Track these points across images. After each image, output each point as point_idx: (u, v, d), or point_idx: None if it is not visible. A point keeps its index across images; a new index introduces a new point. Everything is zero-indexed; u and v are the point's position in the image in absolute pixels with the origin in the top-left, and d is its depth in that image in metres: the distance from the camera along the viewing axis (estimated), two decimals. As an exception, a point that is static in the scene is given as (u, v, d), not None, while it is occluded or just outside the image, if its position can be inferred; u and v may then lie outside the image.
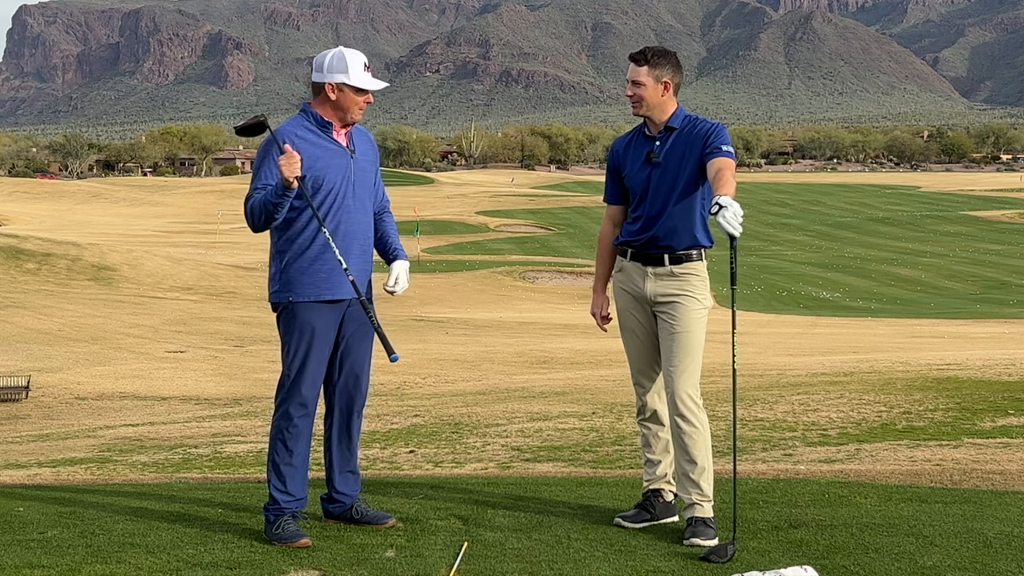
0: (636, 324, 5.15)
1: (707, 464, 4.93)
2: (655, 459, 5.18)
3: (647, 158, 5.04)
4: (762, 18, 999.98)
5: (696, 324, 4.99)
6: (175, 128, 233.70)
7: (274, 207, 4.73)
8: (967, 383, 12.40)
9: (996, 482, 5.98)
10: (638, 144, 5.13)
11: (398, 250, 5.16)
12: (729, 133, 5.05)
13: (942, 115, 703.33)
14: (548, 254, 77.46)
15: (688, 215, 5.00)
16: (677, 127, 5.03)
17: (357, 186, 4.95)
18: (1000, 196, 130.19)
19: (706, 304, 5.05)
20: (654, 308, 5.07)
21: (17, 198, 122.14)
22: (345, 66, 4.86)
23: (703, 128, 4.98)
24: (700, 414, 4.96)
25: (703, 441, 4.94)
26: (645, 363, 5.17)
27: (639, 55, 5.06)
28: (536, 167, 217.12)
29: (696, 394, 4.97)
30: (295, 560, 4.52)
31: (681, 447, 4.95)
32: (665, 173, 4.99)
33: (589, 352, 28.29)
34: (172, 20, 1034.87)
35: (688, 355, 4.95)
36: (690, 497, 4.91)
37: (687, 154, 4.97)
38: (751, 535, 4.80)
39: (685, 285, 5.00)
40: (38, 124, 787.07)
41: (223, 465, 9.76)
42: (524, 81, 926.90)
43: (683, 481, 4.96)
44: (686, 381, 4.94)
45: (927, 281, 63.82)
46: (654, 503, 5.13)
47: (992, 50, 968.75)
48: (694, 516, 4.88)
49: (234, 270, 60.17)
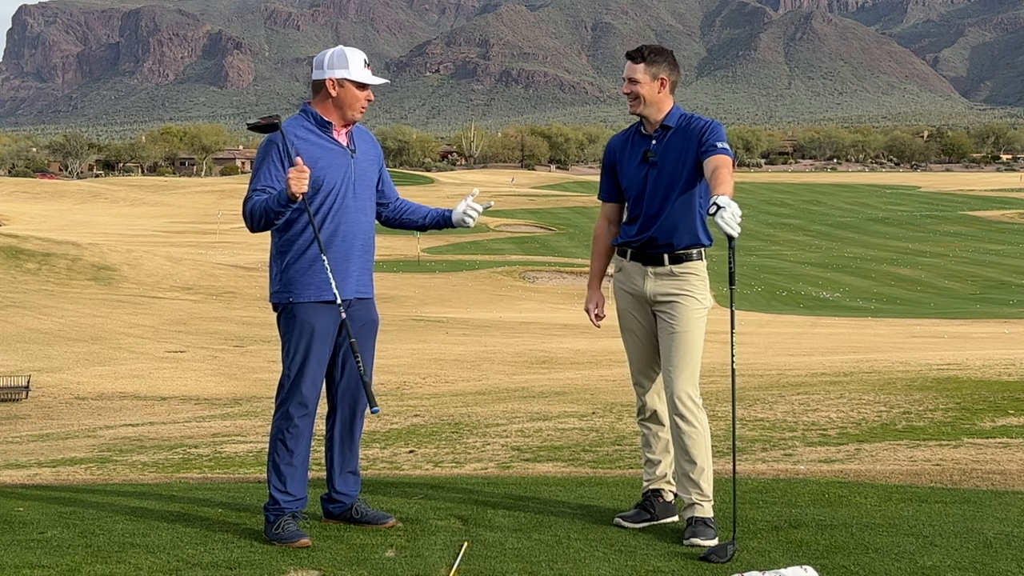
0: (636, 324, 5.15)
1: (707, 464, 4.93)
2: (655, 459, 5.18)
3: (644, 157, 5.03)
4: (762, 18, 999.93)
5: (695, 324, 4.98)
6: (175, 128, 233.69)
7: (275, 215, 4.72)
8: (967, 383, 12.40)
9: (996, 482, 5.98)
10: (635, 143, 5.12)
11: (442, 212, 5.22)
12: (726, 132, 5.04)
13: (942, 115, 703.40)
14: (548, 254, 77.48)
15: (687, 214, 4.99)
16: (673, 126, 5.01)
17: (358, 186, 4.94)
18: (1000, 196, 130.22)
19: (705, 304, 5.04)
20: (654, 308, 5.06)
21: (17, 198, 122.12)
22: (346, 62, 4.86)
23: (698, 125, 4.97)
24: (699, 414, 4.96)
25: (703, 441, 4.94)
26: (645, 363, 5.17)
27: (636, 53, 5.05)
28: (536, 167, 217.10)
29: (695, 394, 4.97)
30: (295, 560, 4.52)
31: (681, 447, 4.95)
32: (662, 172, 4.98)
33: (589, 352, 28.29)
34: (172, 20, 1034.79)
35: (687, 355, 4.95)
36: (690, 497, 4.91)
37: (684, 152, 4.95)
38: (751, 535, 4.80)
39: (685, 284, 4.99)
40: (38, 124, 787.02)
41: (223, 465, 9.76)
42: (524, 81, 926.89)
43: (683, 481, 4.95)
44: (685, 381, 4.93)
45: (927, 281, 63.84)
46: (654, 503, 5.12)
47: (992, 50, 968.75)
48: (694, 516, 4.88)
49: (234, 270, 60.17)
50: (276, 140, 4.82)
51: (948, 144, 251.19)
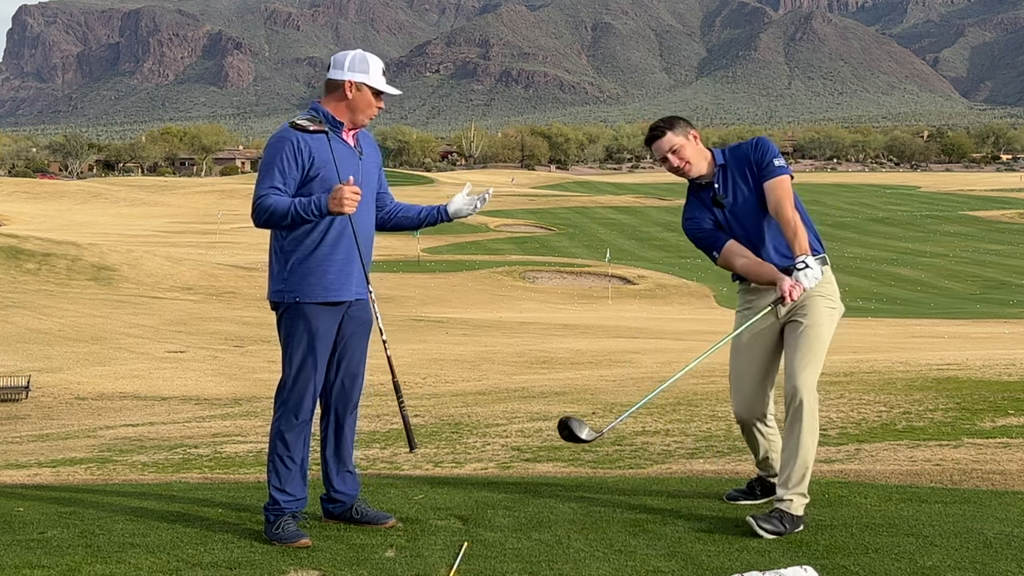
0: (761, 341, 5.20)
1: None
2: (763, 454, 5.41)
3: (715, 202, 5.15)
4: (762, 18, 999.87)
5: (825, 319, 5.08)
6: (175, 128, 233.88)
7: (301, 222, 4.74)
8: (967, 383, 12.39)
9: (996, 482, 5.98)
10: (702, 199, 5.21)
11: (436, 207, 5.26)
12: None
13: (942, 115, 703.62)
14: (548, 254, 77.54)
15: (779, 229, 5.07)
16: (724, 162, 5.16)
17: (364, 187, 4.95)
18: (1000, 196, 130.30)
19: (836, 306, 5.15)
20: (785, 322, 5.14)
21: (17, 198, 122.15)
22: (367, 67, 4.89)
23: (745, 148, 5.15)
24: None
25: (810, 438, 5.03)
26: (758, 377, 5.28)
27: (655, 130, 5.18)
28: (536, 167, 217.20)
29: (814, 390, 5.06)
30: (295, 560, 4.52)
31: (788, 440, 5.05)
32: (736, 204, 5.11)
33: (589, 352, 28.29)
34: (172, 20, 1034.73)
35: (812, 350, 5.04)
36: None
37: (745, 178, 5.10)
38: (751, 535, 4.80)
39: (812, 290, 5.04)
40: (38, 124, 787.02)
41: (223, 465, 9.75)
42: (524, 81, 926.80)
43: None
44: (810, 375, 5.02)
45: (927, 281, 63.87)
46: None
47: (992, 50, 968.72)
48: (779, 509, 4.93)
49: (234, 270, 60.19)
50: (291, 138, 4.80)
51: (948, 144, 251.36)
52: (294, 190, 4.79)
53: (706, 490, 5.76)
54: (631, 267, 68.58)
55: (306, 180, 4.79)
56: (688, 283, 61.86)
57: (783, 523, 4.81)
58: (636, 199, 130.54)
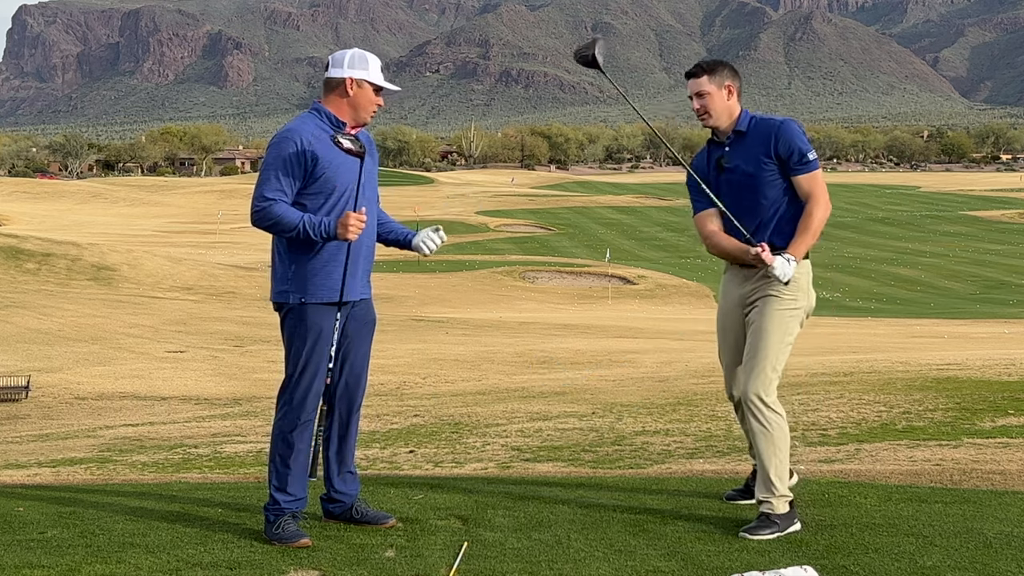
0: (731, 323, 5.17)
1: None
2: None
3: (717, 164, 5.04)
4: (762, 18, 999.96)
5: (775, 319, 4.98)
6: (175, 128, 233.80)
7: (306, 239, 4.75)
8: (967, 383, 12.39)
9: (996, 482, 5.98)
10: (711, 153, 5.13)
11: (407, 233, 5.22)
12: (801, 128, 5.01)
13: (942, 115, 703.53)
14: (548, 254, 77.54)
15: (774, 215, 4.98)
16: (745, 130, 5.02)
17: (367, 188, 4.96)
18: (1000, 196, 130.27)
19: (790, 304, 5.01)
20: (745, 310, 5.09)
21: (17, 198, 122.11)
22: (366, 64, 4.92)
23: (767, 127, 4.98)
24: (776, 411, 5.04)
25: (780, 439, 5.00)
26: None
27: (696, 68, 5.07)
28: (536, 167, 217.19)
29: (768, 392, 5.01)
30: (295, 560, 4.52)
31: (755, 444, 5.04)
32: (733, 177, 4.99)
33: (589, 352, 28.26)
34: (172, 20, 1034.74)
35: (756, 356, 4.98)
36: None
37: (755, 155, 4.95)
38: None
39: (768, 287, 4.98)
40: (38, 124, 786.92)
41: (223, 465, 9.75)
42: (524, 81, 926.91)
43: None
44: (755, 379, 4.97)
45: (927, 281, 63.86)
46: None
47: (992, 50, 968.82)
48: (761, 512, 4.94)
49: (234, 270, 60.19)
50: (294, 139, 4.79)
51: (948, 144, 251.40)
52: (297, 191, 4.80)
53: (706, 490, 5.76)
54: (631, 267, 68.58)
55: (309, 181, 4.80)
56: (688, 283, 61.89)
57: (773, 523, 4.82)
58: (636, 199, 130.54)
